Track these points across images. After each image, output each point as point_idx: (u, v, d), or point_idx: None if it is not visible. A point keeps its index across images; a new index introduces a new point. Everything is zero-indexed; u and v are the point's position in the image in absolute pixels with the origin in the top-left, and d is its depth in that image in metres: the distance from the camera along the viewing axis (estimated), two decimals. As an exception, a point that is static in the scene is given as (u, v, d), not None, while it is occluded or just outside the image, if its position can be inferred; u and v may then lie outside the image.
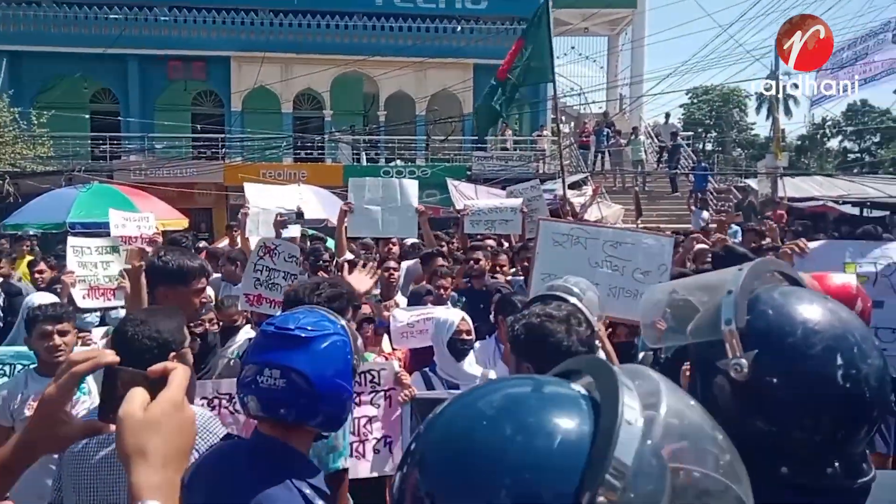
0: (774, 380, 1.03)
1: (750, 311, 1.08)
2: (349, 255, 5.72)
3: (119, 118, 21.15)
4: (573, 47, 28.68)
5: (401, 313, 4.22)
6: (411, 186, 6.27)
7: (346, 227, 5.98)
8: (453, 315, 3.57)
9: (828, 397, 1.02)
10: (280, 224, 5.08)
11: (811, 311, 1.07)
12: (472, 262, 5.47)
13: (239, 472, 1.61)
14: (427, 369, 3.56)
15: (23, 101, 18.41)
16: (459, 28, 22.18)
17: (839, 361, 1.02)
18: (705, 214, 14.54)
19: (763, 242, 9.02)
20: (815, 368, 1.02)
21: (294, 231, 6.57)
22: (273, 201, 6.16)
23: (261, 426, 1.71)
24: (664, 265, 4.03)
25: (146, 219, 5.34)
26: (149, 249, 4.36)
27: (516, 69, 8.16)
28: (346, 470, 2.52)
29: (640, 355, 3.91)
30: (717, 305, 1.10)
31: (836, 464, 1.03)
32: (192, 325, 3.65)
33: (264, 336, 1.70)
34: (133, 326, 2.10)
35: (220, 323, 4.20)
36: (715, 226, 10.61)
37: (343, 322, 1.78)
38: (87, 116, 21.25)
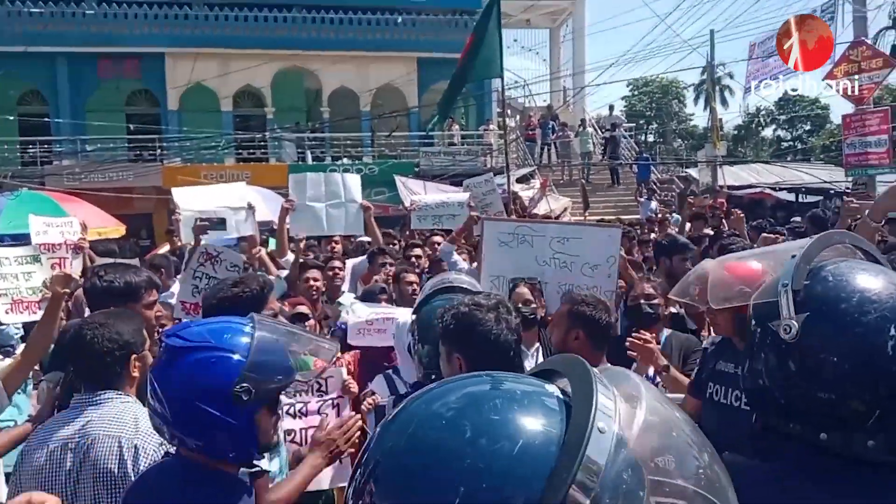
0: (823, 343, 1.04)
1: (811, 278, 1.09)
2: (290, 256, 5.54)
3: (49, 120, 20.20)
4: (515, 40, 28.78)
5: (360, 309, 4.04)
6: (354, 181, 6.12)
7: (287, 227, 5.80)
8: None
9: (875, 367, 1.01)
10: (200, 230, 4.81)
11: (872, 282, 1.07)
12: (411, 258, 5.35)
13: (167, 495, 1.48)
14: (391, 372, 3.42)
15: (-58, 104, 17.42)
16: (402, 20, 21.93)
17: (892, 332, 1.01)
18: (654, 204, 14.78)
19: (705, 231, 9.21)
20: (866, 336, 1.02)
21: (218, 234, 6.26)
22: (211, 202, 5.89)
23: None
24: (613, 257, 3.98)
25: (69, 223, 5.02)
26: (73, 268, 4.12)
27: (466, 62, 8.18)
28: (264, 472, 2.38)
29: None
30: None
31: (877, 436, 1.02)
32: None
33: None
34: (92, 330, 1.97)
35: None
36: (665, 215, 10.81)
37: (255, 339, 1.52)
38: (13, 118, 20.23)
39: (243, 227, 6.16)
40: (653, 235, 8.94)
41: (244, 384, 1.45)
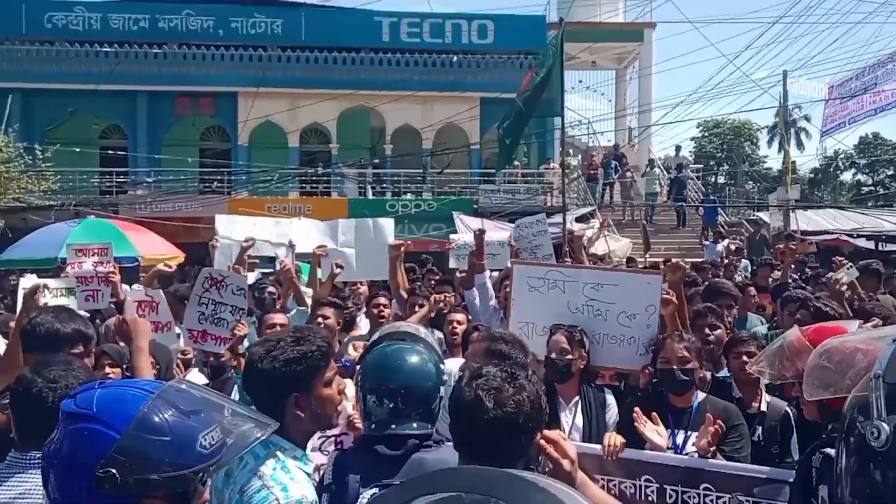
0: None
1: None
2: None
3: (127, 153, 21.24)
4: (580, 80, 28.66)
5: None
6: (387, 225, 6.03)
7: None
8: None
9: None
10: (249, 267, 4.79)
11: None
12: (378, 306, 5.11)
13: None
14: None
15: (33, 138, 18.53)
16: (465, 61, 22.18)
17: None
18: (720, 247, 14.18)
19: (772, 276, 8.67)
20: None
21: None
22: (252, 234, 5.91)
23: None
24: (653, 306, 3.67)
25: (105, 251, 5.07)
26: (102, 300, 4.12)
27: (526, 94, 7.99)
28: None
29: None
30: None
31: None
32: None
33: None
34: (43, 384, 1.88)
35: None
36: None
37: (141, 415, 1.28)
38: (97, 152, 21.38)
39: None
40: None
41: (109, 468, 1.23)
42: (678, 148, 20.46)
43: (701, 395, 3.16)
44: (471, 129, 22.29)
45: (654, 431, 2.83)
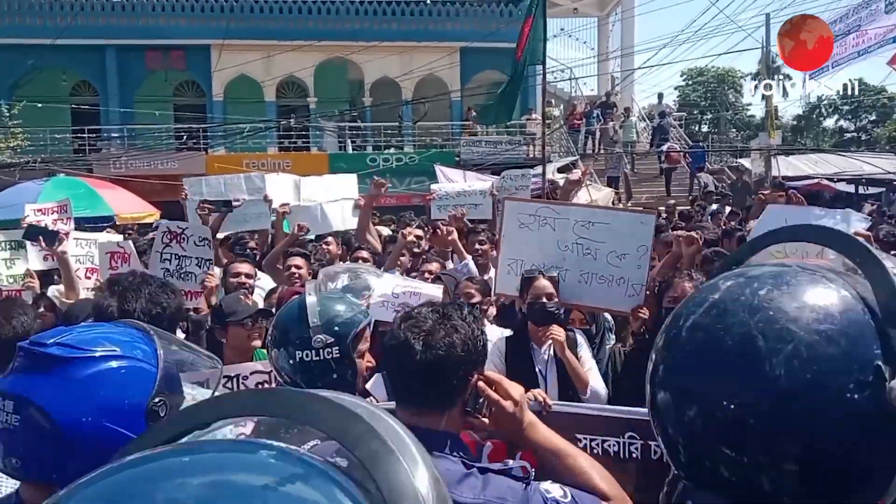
0: None
1: None
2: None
3: (99, 108, 20.69)
4: (562, 28, 28.15)
5: (385, 281, 3.72)
6: (349, 179, 5.96)
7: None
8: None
9: None
10: (203, 217, 4.65)
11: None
12: (358, 261, 5.04)
13: None
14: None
15: (-1, 95, 17.98)
16: (444, 10, 21.66)
17: None
18: (705, 178, 14.14)
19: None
20: None
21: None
22: (224, 194, 5.74)
23: (21, 488, 1.24)
24: (644, 246, 3.56)
25: (63, 208, 4.90)
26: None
27: (527, 47, 7.75)
28: None
29: (608, 346, 3.52)
30: None
31: None
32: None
33: (17, 354, 1.21)
34: None
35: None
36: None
37: (158, 347, 1.29)
38: (68, 108, 20.79)
39: (258, 221, 5.99)
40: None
41: (159, 398, 1.24)
42: (661, 96, 20.24)
43: None
44: (451, 79, 21.89)
45: None
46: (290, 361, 1.99)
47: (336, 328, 1.97)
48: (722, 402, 0.72)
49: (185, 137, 19.97)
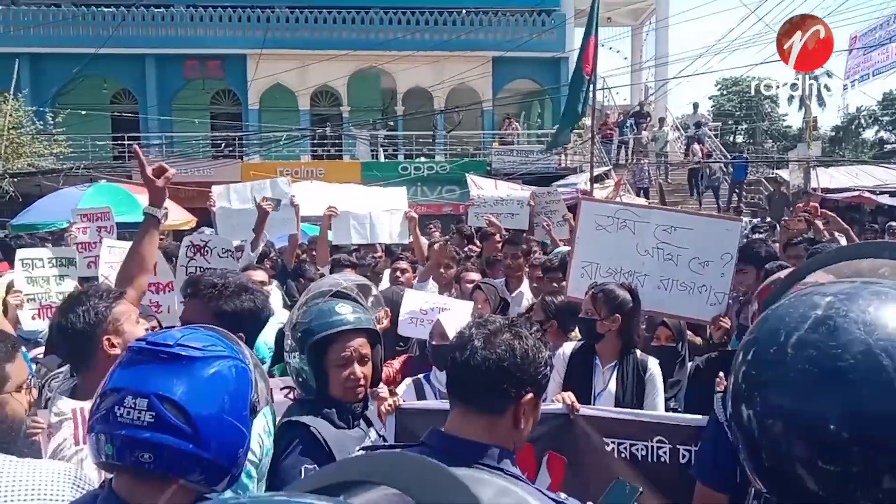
0: None
1: None
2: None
3: (138, 116, 21.14)
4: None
5: (413, 297, 3.67)
6: (399, 191, 5.93)
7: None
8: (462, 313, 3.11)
9: None
10: (264, 214, 4.73)
11: None
12: (396, 271, 5.01)
13: None
14: (422, 377, 3.16)
15: (42, 103, 18.44)
16: (476, 20, 21.72)
17: None
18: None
19: (801, 235, 8.43)
20: None
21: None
22: (250, 199, 5.78)
23: (116, 480, 1.27)
24: (729, 254, 3.43)
25: (106, 215, 4.96)
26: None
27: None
28: None
29: (689, 365, 3.42)
30: None
31: None
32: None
33: (131, 354, 1.28)
34: None
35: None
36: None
37: (244, 348, 1.38)
38: (108, 115, 21.29)
39: (286, 227, 6.02)
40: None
41: (253, 394, 1.35)
42: (696, 106, 19.97)
43: None
44: (483, 89, 21.92)
45: None
46: (286, 364, 2.11)
47: (299, 334, 2.02)
48: (838, 421, 0.70)
49: (222, 145, 20.27)
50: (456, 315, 3.07)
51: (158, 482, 1.23)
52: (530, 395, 1.53)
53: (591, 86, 6.88)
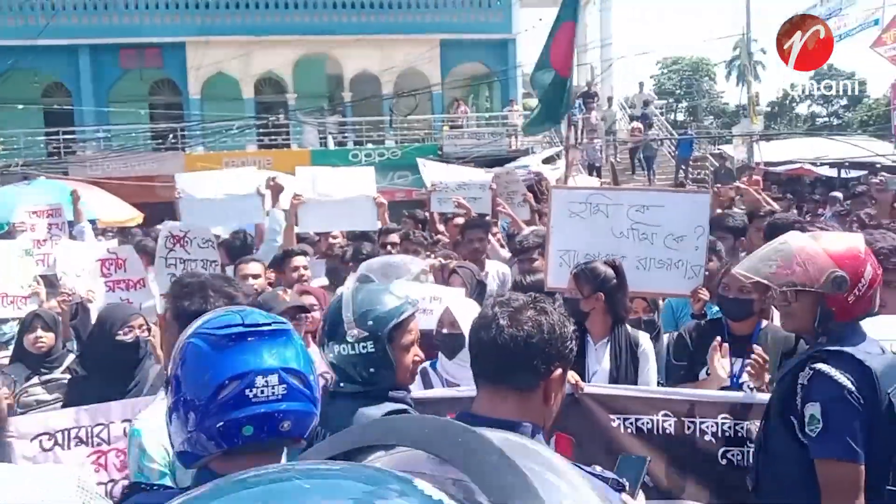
0: None
1: None
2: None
3: (72, 108, 20.24)
4: (541, 19, 28.07)
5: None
6: (367, 174, 5.76)
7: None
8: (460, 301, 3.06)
9: None
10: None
11: None
12: (386, 245, 4.95)
13: None
14: (428, 364, 3.09)
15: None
16: (423, 2, 21.53)
17: None
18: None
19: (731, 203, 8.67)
20: None
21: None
22: (218, 189, 5.60)
23: (223, 464, 1.28)
24: (701, 227, 3.51)
25: (58, 212, 4.76)
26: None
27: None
28: None
29: (665, 336, 3.47)
30: None
31: None
32: (121, 332, 3.18)
33: (228, 341, 1.30)
34: None
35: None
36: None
37: None
38: (41, 108, 20.34)
39: (253, 216, 5.88)
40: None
41: None
42: (641, 84, 20.32)
43: (764, 323, 3.03)
44: (431, 72, 21.76)
45: (720, 364, 2.73)
46: (331, 355, 1.98)
47: (370, 322, 1.92)
48: None
49: (163, 138, 19.63)
50: (458, 302, 3.02)
51: (271, 454, 1.33)
52: (559, 371, 1.52)
53: (569, 85, 6.47)
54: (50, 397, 3.18)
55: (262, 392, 1.26)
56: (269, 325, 1.33)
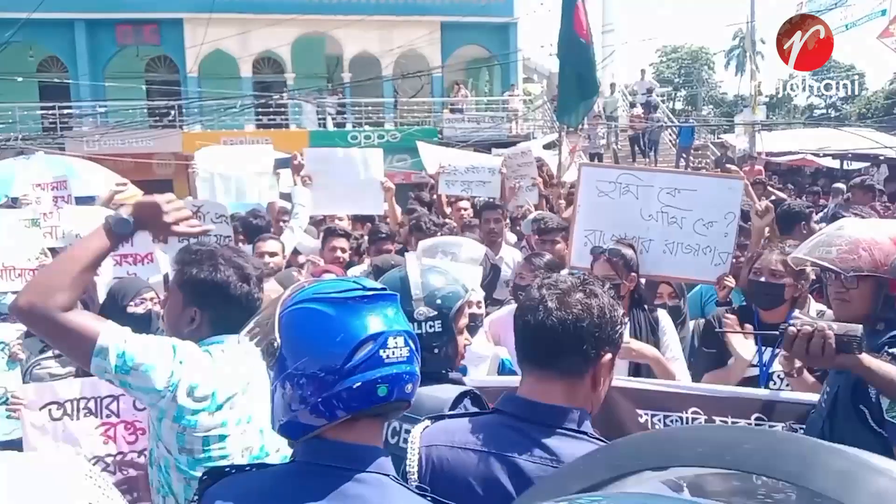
0: None
1: None
2: (310, 240, 5.23)
3: (69, 84, 19.97)
4: (542, 3, 27.91)
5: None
6: (375, 157, 5.66)
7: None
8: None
9: None
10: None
11: None
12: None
13: None
14: None
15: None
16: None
17: None
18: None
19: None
20: None
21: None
22: (234, 166, 5.53)
23: (335, 430, 1.26)
24: (732, 213, 3.43)
25: (63, 185, 4.69)
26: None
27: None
28: None
29: (690, 323, 3.42)
30: None
31: None
32: (132, 303, 3.16)
33: (356, 302, 1.28)
34: None
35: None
36: None
37: None
38: (35, 82, 20.06)
39: (267, 194, 5.85)
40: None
41: None
42: (643, 72, 20.18)
43: (796, 312, 2.98)
44: (431, 55, 21.58)
45: (741, 342, 2.67)
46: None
47: (438, 301, 1.88)
48: None
49: (160, 115, 19.43)
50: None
51: (381, 420, 1.35)
52: (609, 356, 1.48)
53: (591, 50, 6.34)
54: (63, 371, 3.13)
55: (394, 353, 1.26)
56: (385, 289, 1.33)
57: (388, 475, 1.27)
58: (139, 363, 1.76)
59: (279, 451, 1.93)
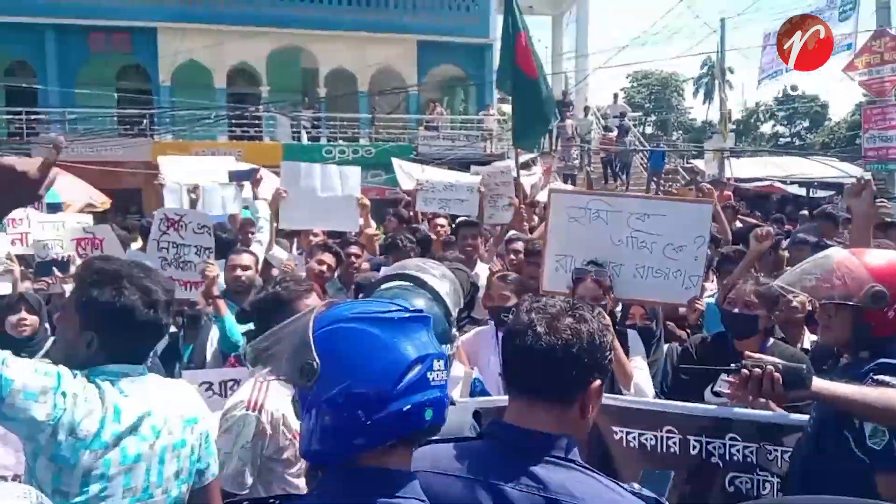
0: None
1: None
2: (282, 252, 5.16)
3: (38, 89, 19.56)
4: (517, 26, 28.16)
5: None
6: (353, 173, 5.62)
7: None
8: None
9: None
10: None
11: None
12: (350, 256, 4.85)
13: None
14: None
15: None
16: (401, 1, 21.42)
17: None
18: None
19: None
20: None
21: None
22: (199, 176, 5.45)
23: (374, 456, 1.21)
24: (702, 237, 3.46)
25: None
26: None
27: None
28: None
29: (665, 347, 3.42)
30: None
31: None
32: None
33: (407, 323, 1.24)
34: None
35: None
36: None
37: None
38: (2, 86, 19.62)
39: (230, 206, 5.82)
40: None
41: None
42: (616, 96, 20.52)
43: (770, 341, 2.96)
44: (408, 73, 21.67)
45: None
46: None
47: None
48: None
49: (131, 124, 19.12)
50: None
51: (413, 446, 1.29)
52: (598, 382, 1.44)
53: (544, 86, 6.33)
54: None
55: (437, 376, 1.22)
56: (423, 311, 1.31)
57: (423, 501, 1.23)
58: (17, 389, 1.59)
59: (166, 491, 1.83)
